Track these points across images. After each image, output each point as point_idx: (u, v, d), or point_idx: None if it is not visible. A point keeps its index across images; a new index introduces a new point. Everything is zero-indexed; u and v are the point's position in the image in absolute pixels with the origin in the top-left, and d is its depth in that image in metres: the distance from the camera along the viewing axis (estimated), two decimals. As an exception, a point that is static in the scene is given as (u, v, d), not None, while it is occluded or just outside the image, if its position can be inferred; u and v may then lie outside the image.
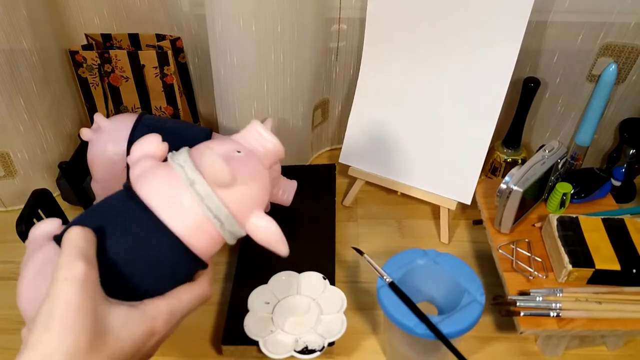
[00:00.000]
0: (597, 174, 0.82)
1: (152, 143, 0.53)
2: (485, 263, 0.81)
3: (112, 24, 0.92)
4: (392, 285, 0.64)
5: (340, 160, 0.91)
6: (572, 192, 0.79)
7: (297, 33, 0.78)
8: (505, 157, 0.93)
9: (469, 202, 0.83)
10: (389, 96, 0.85)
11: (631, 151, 0.90)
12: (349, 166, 0.91)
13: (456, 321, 0.60)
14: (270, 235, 0.52)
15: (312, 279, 0.74)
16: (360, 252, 0.69)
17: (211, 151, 0.47)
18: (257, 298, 0.71)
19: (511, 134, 0.92)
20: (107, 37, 0.92)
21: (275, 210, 0.85)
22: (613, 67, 0.81)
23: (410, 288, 0.66)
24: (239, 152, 0.51)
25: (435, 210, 0.90)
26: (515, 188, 0.71)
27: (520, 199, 0.72)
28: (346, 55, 0.91)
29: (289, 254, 0.76)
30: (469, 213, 0.91)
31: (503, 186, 0.73)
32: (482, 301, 0.62)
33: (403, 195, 0.89)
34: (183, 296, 0.49)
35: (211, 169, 0.47)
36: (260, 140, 0.53)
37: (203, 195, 0.47)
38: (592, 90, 0.86)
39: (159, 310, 0.46)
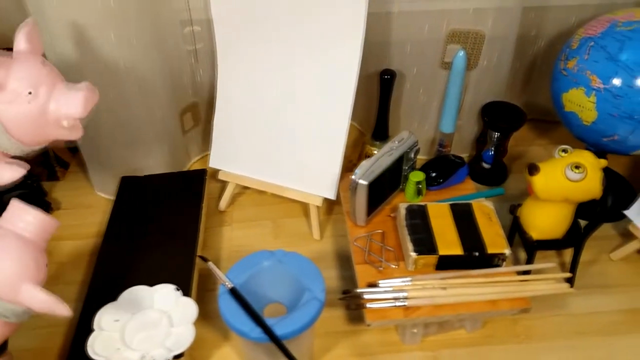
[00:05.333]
0: (452, 160, 0.83)
1: None
2: (349, 257, 0.81)
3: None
4: (233, 291, 0.63)
5: (210, 165, 0.89)
6: (431, 177, 0.80)
7: (135, 40, 0.76)
8: (375, 150, 0.93)
9: (334, 197, 0.82)
10: (248, 96, 0.84)
11: (496, 135, 0.92)
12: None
13: (293, 321, 0.60)
14: (41, 304, 0.52)
15: (165, 292, 0.71)
16: (205, 260, 0.68)
17: None
18: (105, 316, 0.68)
19: (378, 126, 0.92)
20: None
21: (134, 222, 0.83)
22: (462, 53, 0.82)
23: (257, 291, 0.66)
24: None
25: (308, 207, 0.90)
26: (360, 181, 0.72)
27: (367, 191, 0.72)
28: (206, 57, 0.90)
29: (145, 267, 0.76)
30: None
31: (352, 180, 0.73)
32: (322, 298, 0.62)
33: (276, 195, 0.88)
34: None
35: None
36: (20, 215, 0.53)
37: None
38: (447, 78, 0.87)
39: None
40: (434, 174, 0.81)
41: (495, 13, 0.80)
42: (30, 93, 0.52)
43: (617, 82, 0.73)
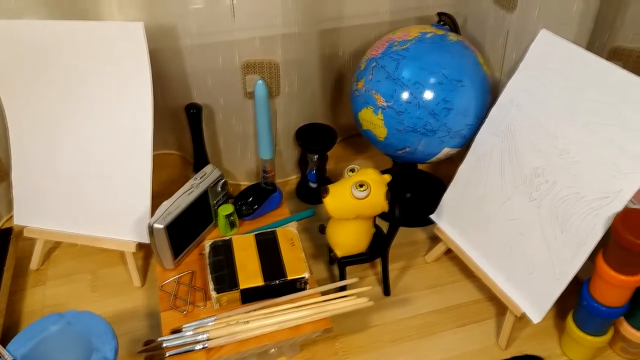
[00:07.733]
0: (263, 187, 0.84)
1: None
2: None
3: None
4: (10, 365, 0.58)
5: (15, 222, 0.83)
6: (242, 208, 0.80)
7: None
8: (196, 184, 0.92)
9: (147, 240, 0.79)
10: (44, 147, 0.79)
11: (315, 156, 0.94)
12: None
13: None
14: None
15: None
16: (-17, 335, 0.63)
17: None
18: None
19: (197, 159, 0.91)
20: None
21: None
22: (260, 82, 0.83)
23: (46, 359, 0.62)
24: None
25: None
26: (156, 225, 0.70)
27: (166, 234, 0.70)
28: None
29: None
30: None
31: (148, 224, 0.71)
32: (111, 357, 0.59)
33: (92, 245, 0.83)
34: None
35: None
36: None
37: None
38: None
39: None
40: (244, 205, 0.81)
41: (283, 40, 0.82)
42: None
43: (397, 99, 0.77)
